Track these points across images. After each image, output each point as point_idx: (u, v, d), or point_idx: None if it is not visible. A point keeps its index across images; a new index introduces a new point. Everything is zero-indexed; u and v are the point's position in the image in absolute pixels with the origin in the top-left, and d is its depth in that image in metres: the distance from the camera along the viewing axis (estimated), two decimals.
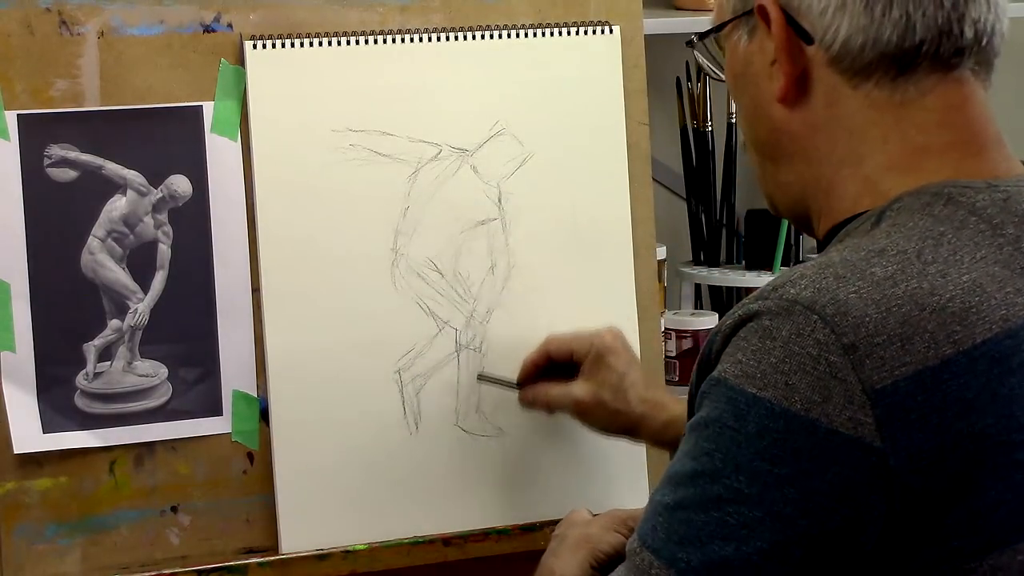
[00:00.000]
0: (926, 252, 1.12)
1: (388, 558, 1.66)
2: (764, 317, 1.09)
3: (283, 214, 1.64)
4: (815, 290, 1.09)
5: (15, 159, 1.57)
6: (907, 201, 1.16)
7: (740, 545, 1.06)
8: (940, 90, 1.19)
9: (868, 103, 1.19)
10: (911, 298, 1.09)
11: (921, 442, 1.06)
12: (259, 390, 1.64)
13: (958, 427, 1.07)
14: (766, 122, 1.24)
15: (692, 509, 1.08)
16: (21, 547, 1.57)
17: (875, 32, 1.17)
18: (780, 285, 1.11)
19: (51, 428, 1.58)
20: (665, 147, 2.50)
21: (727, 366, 1.10)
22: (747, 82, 1.25)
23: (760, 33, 1.22)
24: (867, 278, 1.10)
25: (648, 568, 1.09)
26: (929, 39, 1.17)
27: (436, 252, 1.70)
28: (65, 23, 1.58)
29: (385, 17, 1.69)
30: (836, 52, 1.18)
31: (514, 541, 1.68)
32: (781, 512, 1.06)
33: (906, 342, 1.07)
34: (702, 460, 1.09)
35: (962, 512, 1.07)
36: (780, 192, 1.27)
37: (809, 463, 1.06)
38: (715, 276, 2.47)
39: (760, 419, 1.07)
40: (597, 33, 1.76)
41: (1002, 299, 1.11)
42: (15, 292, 1.57)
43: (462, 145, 1.70)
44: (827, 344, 1.07)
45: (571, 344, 1.65)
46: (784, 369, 1.07)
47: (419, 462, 1.69)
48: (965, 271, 1.11)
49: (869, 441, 1.06)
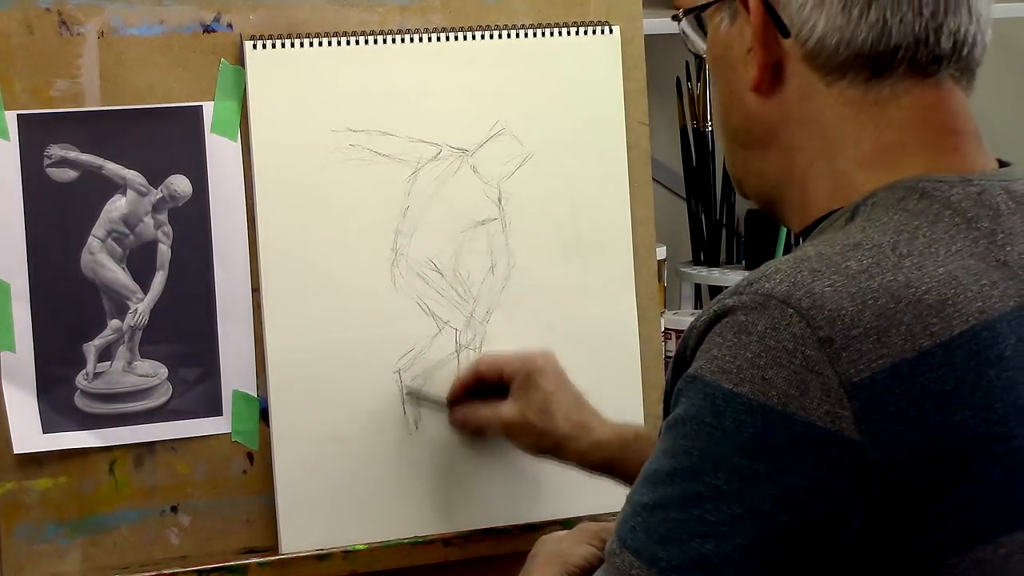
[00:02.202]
0: (901, 245, 1.12)
1: (388, 558, 1.66)
2: (739, 312, 1.09)
3: (283, 214, 1.65)
4: (790, 284, 1.09)
5: (15, 159, 1.57)
6: (881, 196, 1.16)
7: (720, 542, 1.06)
8: (916, 92, 1.18)
9: (842, 100, 1.19)
10: (887, 291, 1.08)
11: (900, 435, 1.06)
12: (259, 390, 1.65)
13: (936, 419, 1.07)
14: (739, 109, 1.24)
15: (671, 508, 1.08)
16: (21, 547, 1.57)
17: (850, 33, 1.17)
18: (755, 280, 1.11)
19: (51, 428, 1.58)
20: (665, 147, 2.49)
21: (703, 362, 1.10)
22: (724, 66, 1.25)
23: (740, 19, 1.22)
24: (842, 271, 1.09)
25: (628, 569, 1.09)
26: (905, 45, 1.17)
27: (436, 252, 1.70)
28: (65, 23, 1.58)
29: (385, 17, 1.69)
30: (811, 48, 1.18)
31: (514, 541, 1.68)
32: (761, 508, 1.06)
33: (882, 335, 1.07)
34: (680, 458, 1.09)
35: (943, 505, 1.07)
36: (749, 178, 1.27)
37: (787, 458, 1.06)
38: (715, 276, 2.47)
39: (737, 415, 1.07)
40: (597, 33, 1.76)
41: (978, 291, 1.11)
42: (15, 292, 1.57)
43: (462, 145, 1.70)
44: (803, 338, 1.07)
45: (502, 364, 1.66)
46: (760, 364, 1.07)
47: (419, 462, 1.69)
48: (941, 264, 1.11)
49: (847, 435, 1.06)
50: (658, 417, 1.78)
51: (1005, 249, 1.15)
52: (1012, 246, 1.15)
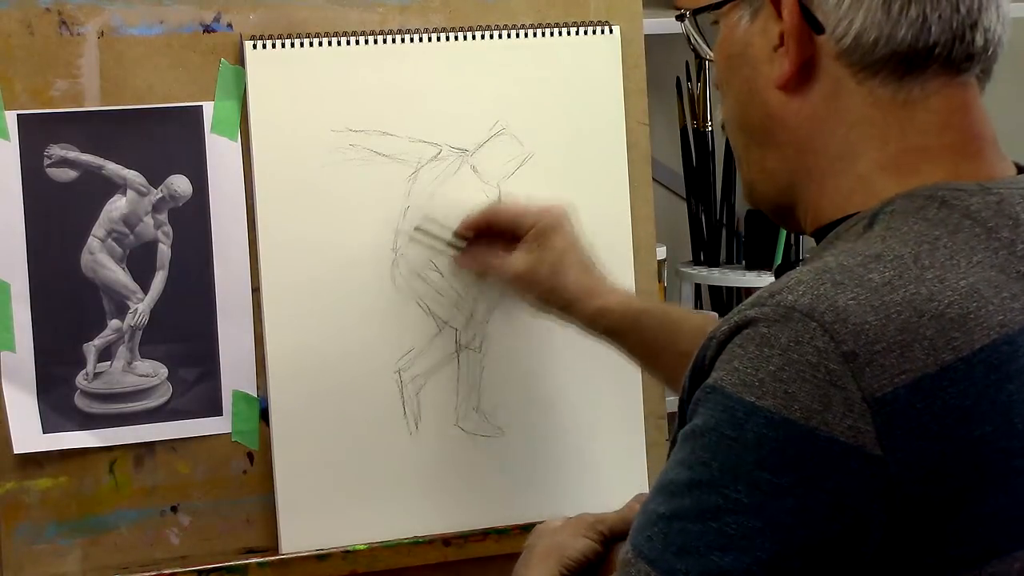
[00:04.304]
0: (923, 257, 1.11)
1: (388, 558, 1.67)
2: (761, 324, 1.08)
3: (283, 214, 1.65)
4: (813, 296, 1.08)
5: (15, 159, 1.57)
6: (900, 204, 1.15)
7: (740, 555, 1.05)
8: (946, 92, 1.18)
9: (871, 100, 1.18)
10: (910, 304, 1.07)
11: (921, 450, 1.05)
12: (259, 390, 1.64)
13: (957, 434, 1.06)
14: (760, 107, 1.22)
15: (689, 519, 1.07)
16: (21, 547, 1.57)
17: (890, 29, 1.16)
18: (777, 291, 1.09)
19: (51, 428, 1.58)
20: (665, 147, 2.49)
21: (723, 374, 1.08)
22: (743, 64, 1.23)
23: (764, 15, 1.20)
24: (865, 284, 1.08)
25: None
26: (943, 42, 1.16)
27: (436, 252, 1.69)
28: (65, 23, 1.58)
29: (385, 17, 1.69)
30: (847, 45, 1.17)
31: (514, 541, 1.68)
32: (781, 522, 1.05)
33: (905, 349, 1.06)
34: (698, 469, 1.08)
35: (962, 520, 1.06)
36: (764, 178, 1.25)
37: (809, 472, 1.05)
38: (715, 276, 2.47)
39: (759, 428, 1.06)
40: (597, 33, 1.76)
41: (999, 304, 1.10)
42: (15, 292, 1.57)
43: (462, 145, 1.70)
44: (826, 352, 1.06)
45: (516, 213, 1.65)
46: (783, 377, 1.06)
47: (419, 462, 1.69)
48: (962, 276, 1.10)
49: (869, 450, 1.05)
50: (659, 417, 1.80)
51: None
52: None
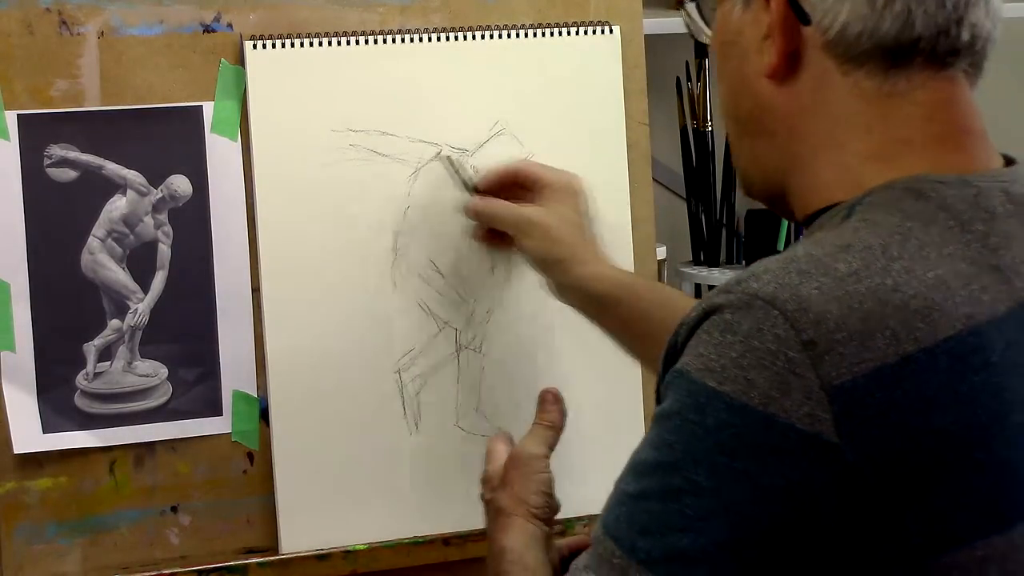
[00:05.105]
0: (892, 248, 1.11)
1: (388, 558, 1.67)
2: (726, 311, 1.09)
3: (283, 214, 1.65)
4: (777, 285, 1.09)
5: (15, 159, 1.57)
6: (878, 195, 1.16)
7: (697, 537, 1.06)
8: (931, 86, 1.18)
9: (856, 91, 1.19)
10: (873, 294, 1.08)
11: (879, 439, 1.06)
12: (259, 390, 1.65)
13: (917, 424, 1.07)
14: (750, 96, 1.24)
15: (653, 499, 1.09)
16: (21, 547, 1.57)
17: (874, 22, 1.17)
18: (744, 279, 1.11)
19: (51, 428, 1.58)
20: (665, 147, 2.50)
21: (689, 359, 1.10)
22: (735, 52, 1.25)
23: (756, 5, 1.22)
24: (830, 274, 1.09)
25: (610, 556, 1.09)
26: (927, 36, 1.17)
27: (436, 252, 1.70)
28: (65, 23, 1.58)
29: (385, 17, 1.70)
30: (832, 37, 1.18)
31: None
32: (738, 506, 1.06)
33: (867, 339, 1.07)
34: (663, 451, 1.10)
35: (922, 509, 1.07)
36: (755, 166, 1.27)
37: (766, 458, 1.06)
38: (715, 276, 2.47)
39: (719, 413, 1.07)
40: (597, 33, 1.76)
41: (967, 296, 1.10)
42: (15, 292, 1.57)
43: (462, 145, 1.70)
44: (786, 340, 1.07)
45: (541, 172, 1.66)
46: (743, 364, 1.07)
47: (419, 462, 1.69)
48: (931, 267, 1.11)
49: (826, 437, 1.06)
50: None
51: (998, 253, 1.14)
52: (1006, 250, 1.15)
